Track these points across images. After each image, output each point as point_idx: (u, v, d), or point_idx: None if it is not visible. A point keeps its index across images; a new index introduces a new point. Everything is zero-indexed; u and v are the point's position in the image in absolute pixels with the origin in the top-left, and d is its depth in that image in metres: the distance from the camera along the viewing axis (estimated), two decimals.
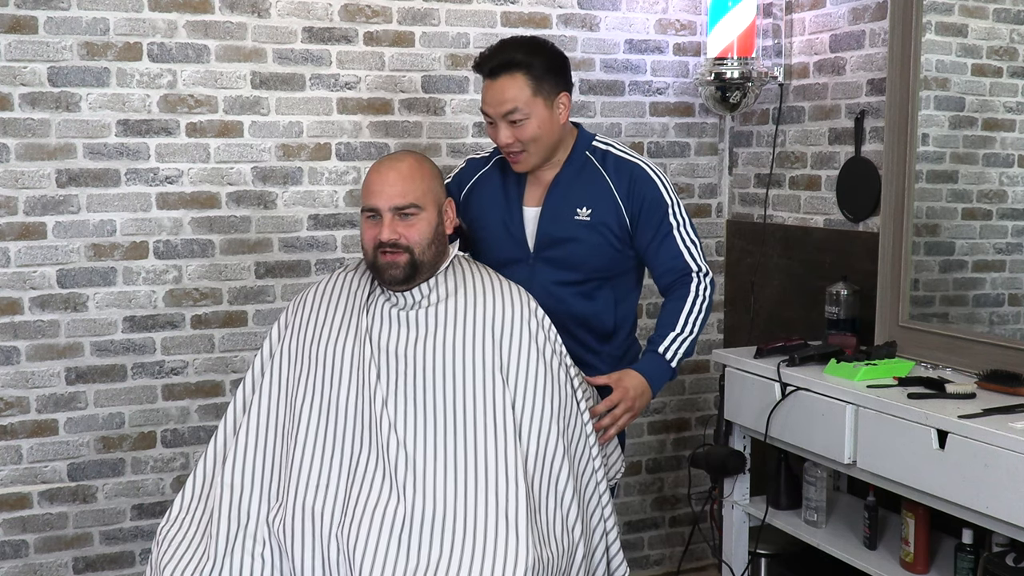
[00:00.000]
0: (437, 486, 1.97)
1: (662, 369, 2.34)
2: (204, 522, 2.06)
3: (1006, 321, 2.77)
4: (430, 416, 2.02)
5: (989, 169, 2.81)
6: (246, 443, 2.09)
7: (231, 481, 2.06)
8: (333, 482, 2.00)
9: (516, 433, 2.02)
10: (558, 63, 2.32)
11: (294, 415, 2.07)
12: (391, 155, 2.19)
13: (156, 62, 2.96)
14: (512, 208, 2.41)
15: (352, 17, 3.14)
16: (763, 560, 3.06)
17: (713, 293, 2.41)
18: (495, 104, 2.28)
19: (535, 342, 2.11)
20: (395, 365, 2.06)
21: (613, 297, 2.43)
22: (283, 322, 2.20)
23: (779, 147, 3.47)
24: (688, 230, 2.40)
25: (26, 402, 2.94)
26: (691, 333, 2.36)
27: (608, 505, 2.19)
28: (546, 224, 2.38)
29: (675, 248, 2.38)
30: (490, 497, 1.96)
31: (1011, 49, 2.76)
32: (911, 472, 2.35)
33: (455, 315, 2.11)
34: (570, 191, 2.38)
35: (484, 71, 2.29)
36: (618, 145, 2.44)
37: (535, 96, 2.26)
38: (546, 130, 2.30)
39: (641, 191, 2.36)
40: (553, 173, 2.39)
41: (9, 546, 2.96)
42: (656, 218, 2.37)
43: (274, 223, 3.13)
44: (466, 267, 2.21)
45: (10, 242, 2.88)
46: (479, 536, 1.93)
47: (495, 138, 2.32)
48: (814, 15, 3.30)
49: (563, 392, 2.12)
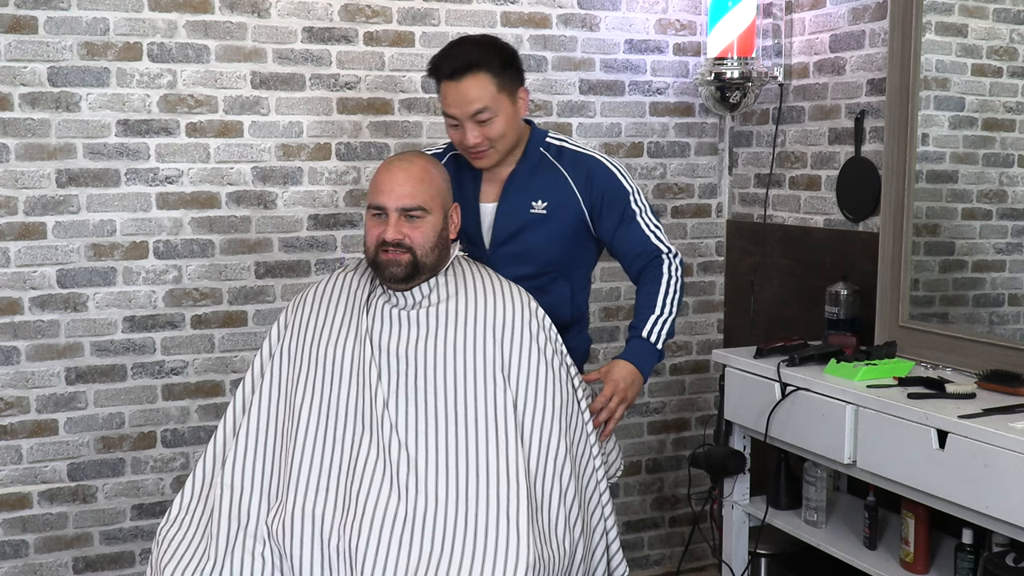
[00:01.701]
0: (439, 486, 1.97)
1: (648, 352, 2.36)
2: (204, 522, 2.06)
3: (1006, 321, 2.77)
4: (431, 416, 2.02)
5: (989, 169, 2.81)
6: (246, 443, 2.09)
7: (231, 481, 2.06)
8: (333, 483, 1.99)
9: (518, 433, 2.02)
10: (512, 58, 2.33)
11: (293, 415, 2.07)
12: (402, 155, 2.19)
13: (156, 62, 2.96)
14: (468, 204, 2.40)
15: (352, 17, 3.14)
16: (763, 560, 3.06)
17: (683, 272, 2.45)
18: (462, 105, 2.25)
19: (536, 342, 2.12)
20: (396, 365, 2.06)
21: (570, 290, 2.45)
22: (282, 322, 2.20)
23: (779, 147, 3.47)
24: (650, 216, 2.42)
25: (26, 402, 2.94)
26: (670, 313, 2.39)
27: (608, 504, 2.19)
28: (502, 219, 2.39)
29: (640, 233, 2.41)
30: (491, 497, 1.96)
31: (1011, 49, 2.76)
32: (911, 472, 2.35)
33: (456, 315, 2.11)
34: (526, 186, 2.39)
35: (444, 74, 2.27)
36: (571, 141, 2.46)
37: (500, 93, 2.26)
38: (511, 126, 2.31)
39: (601, 183, 2.39)
40: (509, 169, 2.40)
41: (9, 546, 2.96)
42: (619, 207, 2.39)
43: (274, 223, 3.14)
44: (466, 267, 2.22)
45: (10, 242, 2.88)
46: (479, 536, 1.93)
47: (460, 140, 2.30)
48: (814, 15, 3.30)
49: (564, 391, 2.12)
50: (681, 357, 3.71)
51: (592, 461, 2.17)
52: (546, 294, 2.39)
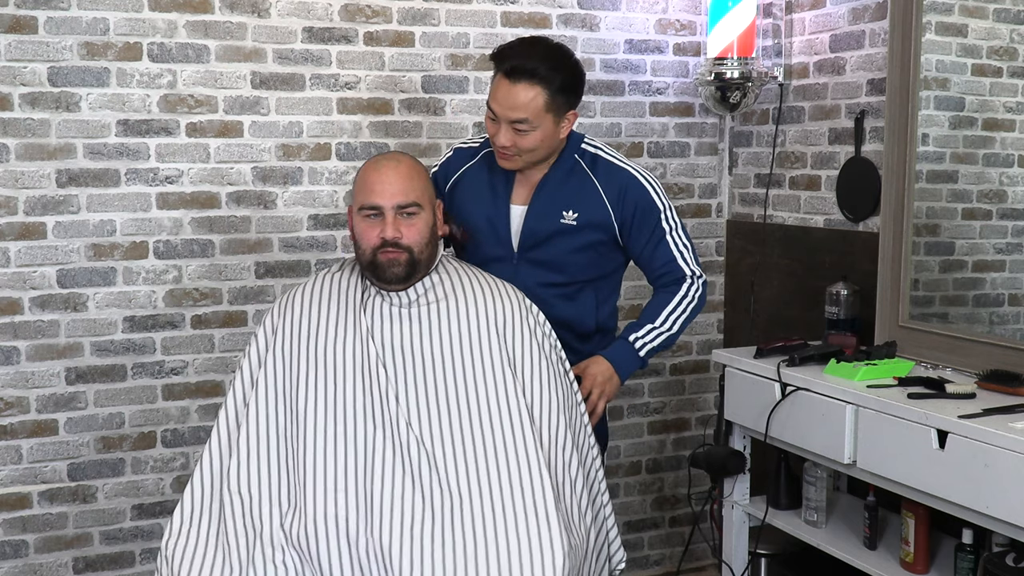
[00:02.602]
0: (460, 480, 1.97)
1: (630, 358, 2.36)
2: (214, 533, 2.00)
3: (1006, 321, 2.77)
4: (443, 411, 2.03)
5: (989, 169, 2.81)
6: (248, 450, 2.04)
7: (238, 489, 2.01)
8: (351, 483, 1.97)
9: (532, 425, 2.04)
10: (576, 82, 2.29)
11: (298, 418, 2.04)
12: (386, 155, 2.19)
13: (156, 62, 2.96)
14: (499, 205, 2.38)
15: (352, 17, 3.14)
16: (763, 560, 3.05)
17: (704, 296, 2.44)
18: (506, 107, 2.22)
19: (535, 337, 2.15)
20: (403, 362, 2.06)
21: (595, 299, 2.42)
22: (269, 327, 2.14)
23: (779, 147, 3.47)
24: (680, 234, 2.40)
25: (26, 402, 2.94)
26: (669, 329, 2.37)
27: (606, 492, 2.23)
28: (531, 223, 2.36)
29: (669, 254, 2.39)
30: (514, 488, 1.97)
31: (1011, 49, 2.76)
32: (911, 472, 2.35)
33: (457, 312, 2.12)
34: (557, 192, 2.36)
35: (504, 68, 2.22)
36: (607, 149, 2.42)
37: (546, 112, 2.23)
38: (546, 144, 2.29)
39: (633, 198, 2.35)
40: (541, 173, 2.37)
41: (9, 546, 2.96)
42: (649, 224, 2.37)
43: (274, 223, 3.13)
44: (456, 266, 2.23)
45: (10, 242, 2.88)
46: (510, 527, 1.93)
47: (493, 135, 2.28)
48: (814, 15, 3.30)
49: (563, 384, 2.16)
50: (681, 357, 3.71)
51: (591, 450, 2.20)
52: (571, 302, 2.38)
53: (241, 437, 2.05)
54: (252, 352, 2.14)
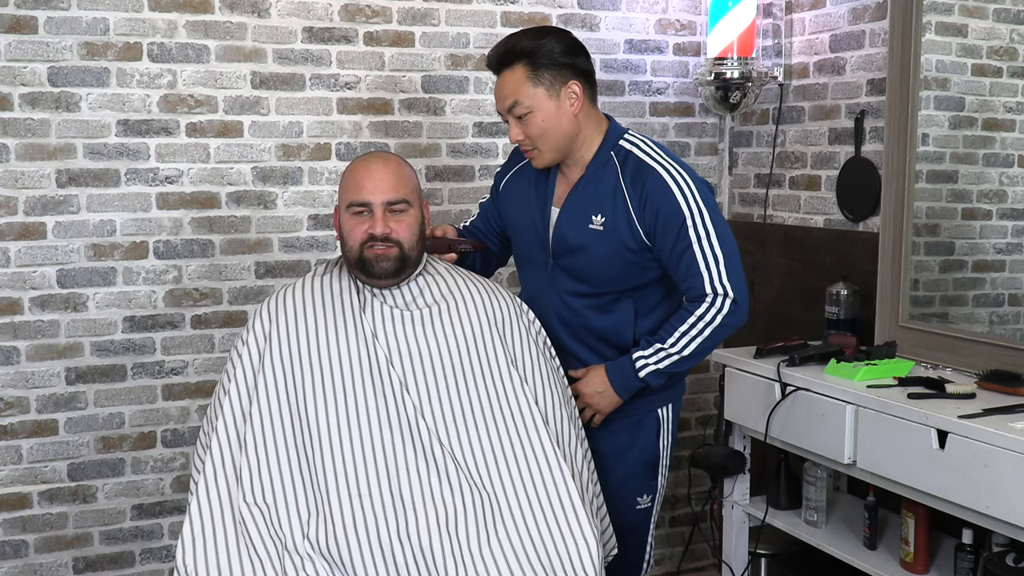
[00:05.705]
0: (488, 477, 1.98)
1: (628, 377, 2.23)
2: (234, 545, 1.94)
3: (1006, 321, 2.77)
4: (459, 410, 2.03)
5: (989, 169, 2.81)
6: (259, 460, 1.98)
7: (255, 501, 1.96)
8: (374, 487, 1.94)
9: (544, 420, 2.06)
10: (564, 48, 2.14)
11: (308, 425, 1.99)
12: (372, 153, 2.19)
13: (156, 62, 2.96)
14: (543, 207, 2.28)
15: (352, 17, 3.14)
16: (763, 560, 3.06)
17: (733, 317, 2.17)
18: (498, 100, 2.18)
19: (530, 335, 2.18)
20: (411, 363, 2.05)
21: (633, 310, 2.27)
22: (260, 333, 2.09)
23: (779, 147, 3.47)
24: (713, 244, 2.14)
25: (26, 402, 2.94)
26: (679, 352, 2.19)
27: (598, 483, 2.25)
28: (562, 229, 2.25)
29: (693, 267, 2.15)
30: (536, 482, 1.99)
31: (1011, 49, 2.76)
32: (911, 472, 2.35)
33: (459, 312, 2.13)
34: (587, 195, 2.21)
35: (492, 68, 2.20)
36: (644, 144, 2.22)
37: (535, 87, 2.12)
38: (552, 123, 2.14)
39: (654, 204, 2.14)
40: (579, 173, 2.23)
41: (9, 546, 2.96)
42: (672, 234, 2.14)
43: (274, 223, 3.13)
44: (444, 267, 2.24)
45: (10, 242, 2.88)
46: (542, 521, 1.95)
47: (510, 138, 2.21)
48: (814, 15, 3.30)
49: (561, 381, 2.20)
50: None
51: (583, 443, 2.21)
52: (607, 314, 2.26)
53: (250, 447, 1.99)
54: (244, 358, 2.08)
